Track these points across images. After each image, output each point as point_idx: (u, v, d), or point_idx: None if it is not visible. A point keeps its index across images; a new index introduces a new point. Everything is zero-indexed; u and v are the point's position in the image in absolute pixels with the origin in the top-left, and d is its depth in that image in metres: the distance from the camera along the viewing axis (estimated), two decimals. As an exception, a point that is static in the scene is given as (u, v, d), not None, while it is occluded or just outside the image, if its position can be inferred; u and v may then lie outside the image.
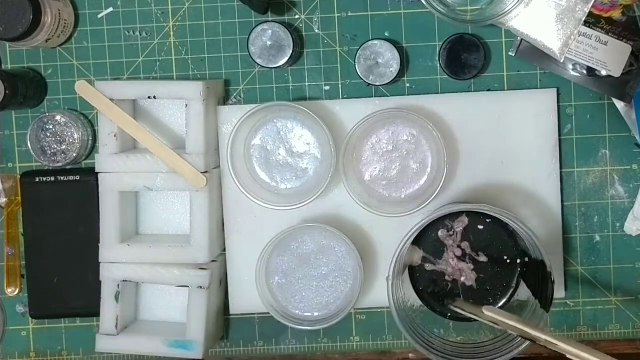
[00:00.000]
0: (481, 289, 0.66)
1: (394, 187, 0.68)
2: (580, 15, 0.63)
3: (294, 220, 0.69)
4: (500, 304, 0.66)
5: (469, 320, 0.65)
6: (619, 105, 0.68)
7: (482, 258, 0.66)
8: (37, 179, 0.70)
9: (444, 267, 0.66)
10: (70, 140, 0.70)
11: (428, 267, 0.66)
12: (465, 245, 0.66)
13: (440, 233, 0.66)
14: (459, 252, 0.66)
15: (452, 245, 0.66)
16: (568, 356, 0.52)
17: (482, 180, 0.69)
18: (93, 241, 0.68)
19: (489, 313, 0.58)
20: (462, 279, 0.66)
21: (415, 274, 0.67)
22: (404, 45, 0.70)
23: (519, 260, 0.65)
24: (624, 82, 0.66)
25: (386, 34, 0.70)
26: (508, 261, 0.66)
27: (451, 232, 0.66)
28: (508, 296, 0.66)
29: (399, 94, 0.70)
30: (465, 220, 0.65)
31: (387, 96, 0.70)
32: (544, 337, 0.54)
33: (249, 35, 0.68)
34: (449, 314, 0.66)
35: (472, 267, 0.66)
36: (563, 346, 0.52)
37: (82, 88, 0.66)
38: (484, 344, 0.64)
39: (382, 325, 0.72)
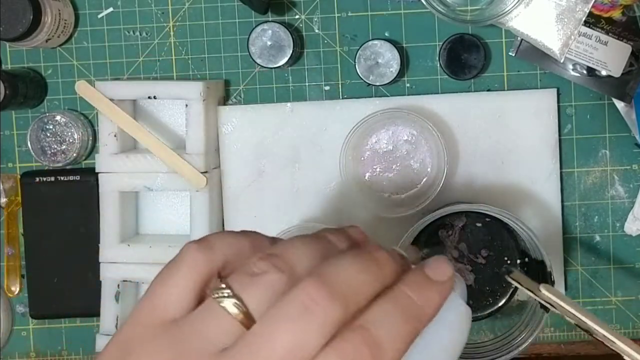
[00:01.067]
0: (481, 289, 0.66)
1: (394, 187, 0.68)
2: (580, 15, 0.63)
3: (293, 220, 0.69)
4: (500, 303, 0.65)
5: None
6: (619, 105, 0.68)
7: (481, 260, 0.65)
8: (37, 179, 0.70)
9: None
10: (70, 140, 0.70)
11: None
12: (463, 246, 0.65)
13: (440, 233, 0.66)
14: (456, 254, 0.66)
15: (449, 246, 0.66)
16: (625, 357, 0.47)
17: (482, 180, 0.69)
18: (93, 241, 0.68)
19: (547, 292, 0.54)
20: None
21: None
22: (404, 45, 0.70)
23: (519, 261, 0.65)
24: (624, 82, 0.66)
25: (386, 34, 0.70)
26: (508, 262, 0.66)
27: (450, 232, 0.66)
28: (508, 296, 0.66)
29: (399, 94, 0.70)
30: (463, 219, 0.65)
31: (387, 96, 0.70)
32: (602, 330, 0.49)
33: (249, 35, 0.68)
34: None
35: (470, 268, 0.65)
36: (621, 345, 0.48)
37: (82, 88, 0.66)
38: (484, 344, 0.64)
39: (382, 325, 0.72)
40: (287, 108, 0.69)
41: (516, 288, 0.66)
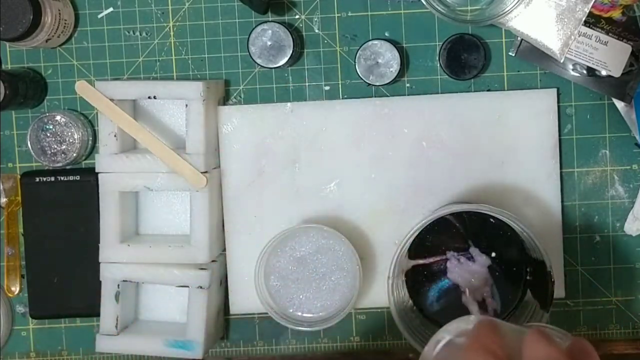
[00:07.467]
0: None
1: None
2: (580, 15, 0.63)
3: (293, 220, 0.69)
4: (511, 307, 0.65)
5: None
6: (619, 105, 0.68)
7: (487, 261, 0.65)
8: (37, 179, 0.70)
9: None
10: (70, 140, 0.70)
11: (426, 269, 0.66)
12: (473, 249, 0.65)
13: (440, 234, 0.66)
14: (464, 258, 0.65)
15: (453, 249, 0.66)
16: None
17: (482, 180, 0.69)
18: (93, 241, 0.68)
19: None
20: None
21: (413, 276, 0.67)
22: (404, 45, 0.70)
23: (528, 269, 0.65)
24: (624, 82, 0.66)
25: (386, 34, 0.70)
26: (513, 267, 0.65)
27: (453, 233, 0.66)
28: (517, 300, 0.65)
29: (399, 94, 0.70)
30: (465, 220, 0.65)
31: (387, 96, 0.70)
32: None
33: (249, 35, 0.68)
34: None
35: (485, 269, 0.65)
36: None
37: (82, 88, 0.66)
38: (484, 344, 0.64)
39: (382, 325, 0.72)
40: (287, 108, 0.69)
41: (525, 291, 0.65)
